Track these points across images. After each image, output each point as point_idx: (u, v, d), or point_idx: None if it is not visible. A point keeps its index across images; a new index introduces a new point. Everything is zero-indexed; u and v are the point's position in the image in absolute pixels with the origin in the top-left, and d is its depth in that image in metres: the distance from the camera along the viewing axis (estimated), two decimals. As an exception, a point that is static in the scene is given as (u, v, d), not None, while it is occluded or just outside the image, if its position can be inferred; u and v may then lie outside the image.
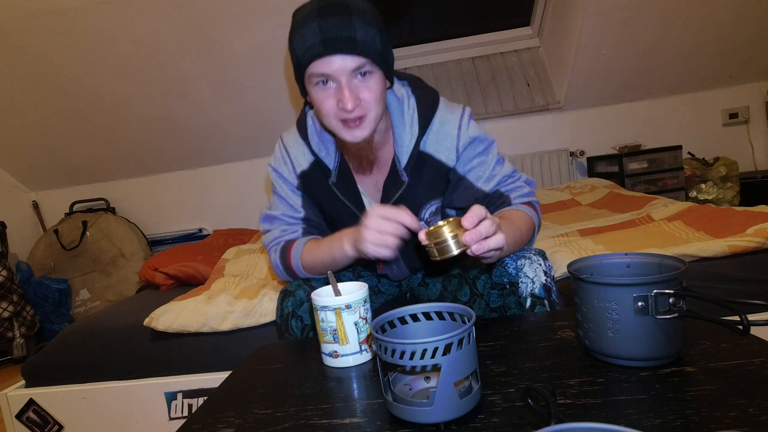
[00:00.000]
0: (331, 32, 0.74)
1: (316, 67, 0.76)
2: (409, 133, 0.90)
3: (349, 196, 0.95)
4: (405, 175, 0.91)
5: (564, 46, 2.51)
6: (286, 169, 0.98)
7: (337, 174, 0.94)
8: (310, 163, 0.96)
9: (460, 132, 0.91)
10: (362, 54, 0.76)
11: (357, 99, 0.78)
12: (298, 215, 0.98)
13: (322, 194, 0.98)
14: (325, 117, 0.82)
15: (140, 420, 1.31)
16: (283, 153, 0.99)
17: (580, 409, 0.50)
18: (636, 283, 0.55)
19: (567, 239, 1.49)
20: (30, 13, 2.02)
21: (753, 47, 2.50)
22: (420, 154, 0.92)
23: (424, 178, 0.93)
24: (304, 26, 0.75)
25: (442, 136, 0.91)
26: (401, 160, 0.91)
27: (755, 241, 1.15)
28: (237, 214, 3.00)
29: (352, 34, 0.74)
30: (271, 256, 0.99)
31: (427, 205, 0.96)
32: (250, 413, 0.60)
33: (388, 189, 0.93)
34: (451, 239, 0.65)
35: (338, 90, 0.78)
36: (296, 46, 0.77)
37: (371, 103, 0.80)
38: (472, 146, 0.92)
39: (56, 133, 2.66)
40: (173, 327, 1.29)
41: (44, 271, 2.76)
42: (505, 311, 0.89)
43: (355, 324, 0.71)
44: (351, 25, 0.74)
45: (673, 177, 2.49)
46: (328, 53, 0.75)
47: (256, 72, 2.42)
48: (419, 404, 0.51)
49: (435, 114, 0.92)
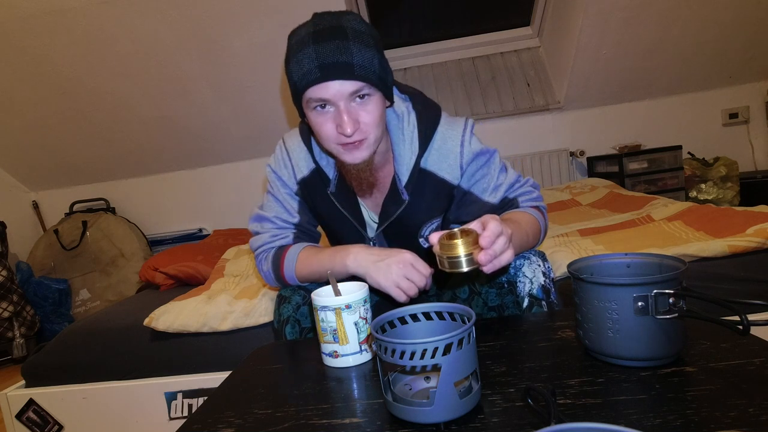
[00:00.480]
0: (328, 57, 0.73)
1: (313, 92, 0.76)
2: (409, 150, 0.89)
3: (348, 208, 0.94)
4: (405, 194, 0.89)
5: (564, 46, 2.51)
6: (286, 173, 0.96)
7: (336, 184, 0.93)
8: (310, 170, 0.95)
9: (462, 149, 0.89)
10: (360, 78, 0.74)
11: (356, 123, 0.77)
12: (292, 220, 0.96)
13: (321, 203, 0.96)
14: (325, 141, 0.82)
15: (140, 420, 1.31)
16: (284, 156, 0.97)
17: (580, 409, 0.50)
18: (636, 283, 0.55)
19: (567, 239, 1.49)
20: (30, 13, 2.02)
21: (753, 47, 2.50)
22: (421, 171, 0.90)
23: (426, 196, 0.91)
24: (300, 51, 0.74)
25: (444, 154, 0.90)
26: (401, 179, 0.89)
27: (755, 241, 1.15)
28: (237, 214, 3.00)
29: (349, 59, 0.73)
30: (261, 264, 0.96)
31: (428, 223, 0.95)
32: (250, 413, 0.60)
33: (388, 207, 0.92)
34: (464, 257, 0.63)
35: (336, 114, 0.77)
36: (293, 70, 0.76)
37: (371, 126, 0.79)
38: (476, 162, 0.90)
39: (56, 133, 2.66)
40: (173, 327, 1.29)
41: (44, 271, 2.76)
42: (503, 310, 0.89)
43: (355, 324, 0.71)
44: (348, 50, 0.73)
45: (673, 177, 2.49)
46: (325, 79, 0.74)
47: (256, 72, 2.42)
48: (419, 404, 0.51)
49: (436, 131, 0.90)
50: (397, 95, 0.91)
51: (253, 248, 0.99)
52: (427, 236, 0.95)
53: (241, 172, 2.96)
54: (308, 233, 0.99)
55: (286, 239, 0.96)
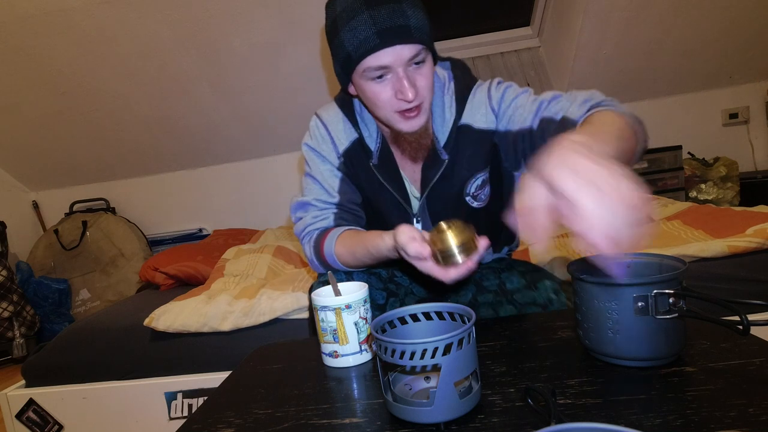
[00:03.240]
0: (385, 22, 0.70)
1: (372, 60, 0.72)
2: (449, 113, 0.87)
3: (390, 180, 0.91)
4: (444, 153, 0.87)
5: (564, 46, 2.51)
6: (326, 148, 0.92)
7: (378, 156, 0.90)
8: (351, 141, 0.91)
9: (490, 93, 0.87)
10: (418, 41, 0.72)
11: (414, 88, 0.75)
12: (332, 200, 0.92)
13: (362, 176, 0.92)
14: (381, 109, 0.79)
15: (140, 420, 1.31)
16: (321, 131, 0.92)
17: (580, 409, 0.50)
18: (636, 283, 0.55)
19: (567, 239, 1.49)
20: (30, 13, 2.02)
21: (753, 47, 2.49)
22: (459, 129, 0.88)
23: (466, 151, 0.88)
24: (354, 18, 0.71)
25: (476, 106, 0.88)
26: (440, 139, 0.87)
27: (755, 241, 1.15)
28: (237, 214, 3.00)
29: (406, 21, 0.70)
30: (305, 248, 0.93)
31: (473, 178, 0.90)
32: (250, 413, 0.60)
33: (427, 172, 0.89)
34: (456, 248, 0.64)
35: (395, 80, 0.74)
36: (345, 39, 0.73)
37: (427, 90, 0.77)
38: (506, 97, 0.87)
39: (56, 133, 2.66)
40: (173, 327, 1.29)
41: (44, 271, 2.76)
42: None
43: (355, 324, 0.71)
44: (403, 12, 0.71)
45: (673, 177, 2.49)
46: (385, 45, 0.71)
47: (256, 72, 2.42)
48: (419, 404, 0.51)
49: (471, 91, 0.89)
50: (438, 63, 0.90)
51: (297, 233, 0.95)
52: (474, 193, 0.91)
53: (241, 172, 2.96)
54: (351, 213, 0.93)
55: (327, 220, 0.91)
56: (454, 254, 0.64)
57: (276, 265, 1.78)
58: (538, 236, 0.46)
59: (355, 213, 0.94)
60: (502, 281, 0.94)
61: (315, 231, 0.91)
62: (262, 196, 2.98)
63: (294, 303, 1.28)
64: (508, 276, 0.95)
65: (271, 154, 2.90)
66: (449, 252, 0.64)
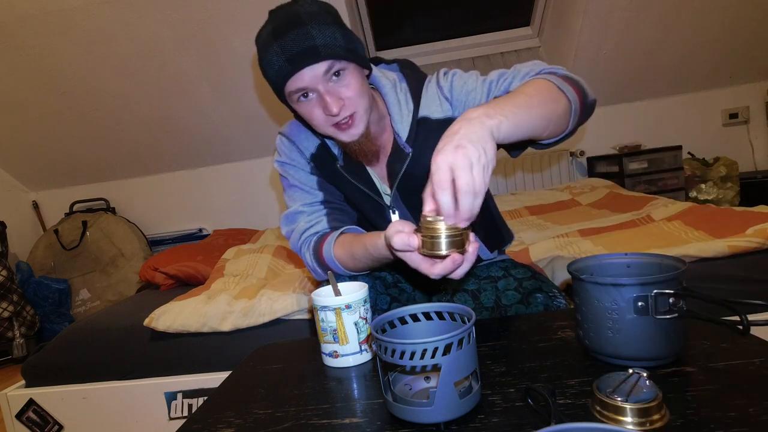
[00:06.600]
0: (293, 48, 0.75)
1: (290, 85, 0.79)
2: (405, 109, 0.90)
3: (358, 179, 0.93)
4: (408, 147, 0.90)
5: (564, 46, 2.51)
6: (296, 157, 0.96)
7: (343, 158, 0.93)
8: (316, 146, 0.95)
9: (440, 84, 0.91)
10: (327, 57, 0.76)
11: (340, 100, 0.79)
12: (317, 199, 0.95)
13: (333, 177, 0.96)
14: (318, 126, 0.84)
15: (140, 420, 1.31)
16: (287, 143, 0.97)
17: (580, 409, 0.50)
18: (636, 283, 0.55)
19: (567, 240, 1.49)
20: (30, 13, 2.02)
21: (753, 47, 2.50)
22: (419, 122, 0.91)
23: (429, 141, 0.89)
24: (267, 51, 0.78)
25: (430, 98, 0.92)
26: (402, 135, 0.90)
27: (755, 241, 1.15)
28: (237, 214, 3.00)
29: (312, 42, 0.75)
30: (305, 257, 0.93)
31: None
32: (250, 413, 0.60)
33: (393, 167, 0.91)
34: (445, 239, 0.59)
35: (319, 98, 0.79)
36: (266, 71, 0.80)
37: (354, 98, 0.80)
38: (455, 84, 0.90)
39: (56, 133, 2.66)
40: (173, 327, 1.29)
41: (44, 271, 2.76)
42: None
43: (355, 324, 0.71)
44: (308, 34, 0.75)
45: (673, 177, 2.49)
46: (296, 70, 0.76)
47: (256, 72, 2.42)
48: (419, 404, 0.51)
49: (424, 83, 0.93)
50: (385, 67, 0.94)
51: (294, 246, 0.95)
52: None
53: (241, 172, 2.96)
54: (339, 208, 0.95)
55: (321, 223, 0.92)
56: (437, 244, 0.60)
57: (276, 265, 1.78)
58: (445, 213, 0.57)
59: (343, 208, 0.97)
60: (498, 297, 0.95)
61: (312, 237, 0.92)
62: (262, 196, 2.98)
63: (294, 305, 1.28)
64: (504, 286, 0.96)
65: (271, 154, 2.90)
66: (432, 242, 0.60)
